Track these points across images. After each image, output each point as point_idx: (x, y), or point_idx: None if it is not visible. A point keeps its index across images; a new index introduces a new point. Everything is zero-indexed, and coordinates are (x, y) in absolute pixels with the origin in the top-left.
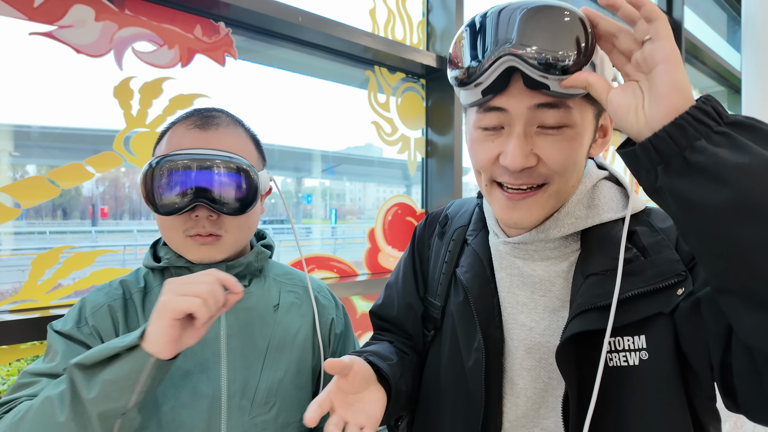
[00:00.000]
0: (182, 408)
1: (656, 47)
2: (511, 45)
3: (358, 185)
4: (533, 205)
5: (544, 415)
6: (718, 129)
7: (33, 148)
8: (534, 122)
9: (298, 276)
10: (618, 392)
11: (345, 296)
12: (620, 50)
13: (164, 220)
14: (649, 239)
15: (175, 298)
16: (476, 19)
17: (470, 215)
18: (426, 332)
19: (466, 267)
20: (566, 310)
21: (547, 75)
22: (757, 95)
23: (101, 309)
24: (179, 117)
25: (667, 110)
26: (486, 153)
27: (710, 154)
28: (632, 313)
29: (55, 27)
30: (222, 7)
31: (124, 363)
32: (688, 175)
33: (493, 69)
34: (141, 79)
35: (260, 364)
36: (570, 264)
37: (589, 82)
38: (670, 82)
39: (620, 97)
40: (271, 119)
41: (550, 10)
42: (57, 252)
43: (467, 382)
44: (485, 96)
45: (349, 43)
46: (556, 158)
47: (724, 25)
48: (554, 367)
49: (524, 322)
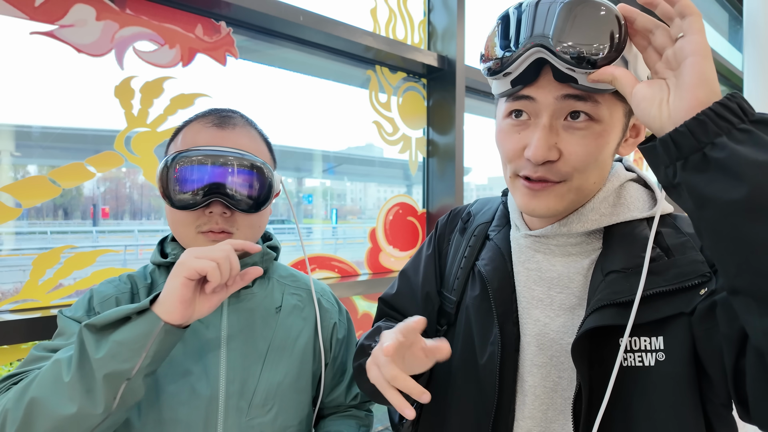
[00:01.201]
0: (180, 406)
1: (687, 41)
2: (540, 36)
3: (359, 185)
4: (551, 195)
5: (552, 418)
6: (740, 126)
7: (34, 148)
8: (561, 114)
9: (302, 279)
10: (630, 392)
11: (346, 296)
12: (655, 47)
13: (176, 215)
14: (674, 240)
15: (191, 259)
16: (510, 11)
17: (494, 212)
18: (438, 328)
19: (486, 260)
20: (583, 308)
21: (574, 68)
22: (759, 95)
23: (109, 300)
24: (195, 115)
25: (691, 103)
26: (512, 144)
27: (730, 150)
28: (651, 311)
29: (56, 26)
30: (223, 6)
31: (134, 325)
32: (706, 171)
33: (522, 60)
34: (142, 79)
35: (260, 366)
36: (591, 262)
37: (615, 76)
38: (697, 74)
39: (645, 91)
40: (272, 119)
41: (584, 4)
42: (58, 252)
43: (480, 378)
44: (514, 87)
45: (350, 42)
46: (579, 154)
47: (726, 24)
48: (565, 366)
49: (538, 317)
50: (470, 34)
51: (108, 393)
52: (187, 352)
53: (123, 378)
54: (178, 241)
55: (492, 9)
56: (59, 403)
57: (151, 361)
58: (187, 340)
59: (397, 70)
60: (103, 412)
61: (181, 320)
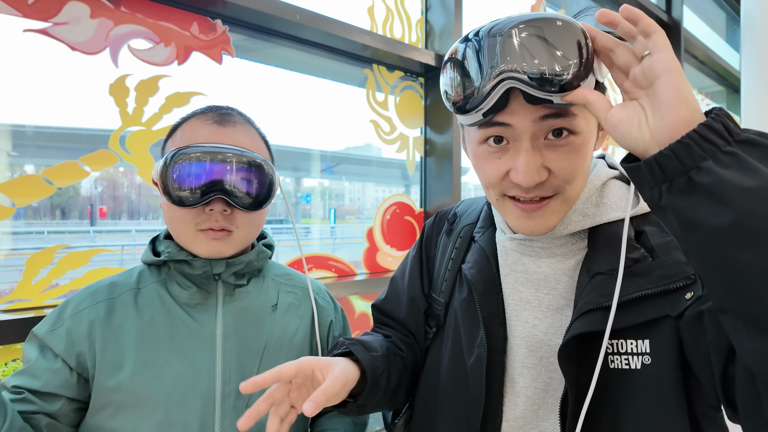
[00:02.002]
0: (175, 407)
1: (656, 59)
2: (507, 66)
3: (357, 185)
4: (547, 213)
5: (543, 417)
6: (726, 149)
7: (28, 148)
8: (540, 134)
9: (297, 277)
10: (617, 395)
11: (343, 296)
12: (618, 65)
13: (176, 212)
14: (658, 240)
15: None
16: (471, 38)
17: (479, 213)
18: (428, 329)
19: (471, 263)
20: (570, 308)
21: (548, 94)
22: (757, 95)
23: (82, 312)
24: (193, 112)
25: (674, 122)
26: (494, 170)
27: (716, 175)
28: (637, 314)
29: (49, 24)
30: (219, 4)
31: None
32: (691, 195)
33: (494, 94)
34: (137, 77)
35: (257, 365)
36: (576, 262)
37: (588, 100)
38: (674, 92)
39: (621, 114)
40: (269, 118)
41: (545, 23)
42: (52, 251)
43: (468, 380)
44: (486, 117)
45: (347, 41)
46: (566, 169)
47: (723, 24)
48: (555, 366)
49: (527, 319)
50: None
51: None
52: (181, 353)
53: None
54: (175, 239)
55: (489, 7)
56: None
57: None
58: (181, 339)
59: (395, 69)
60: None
61: None
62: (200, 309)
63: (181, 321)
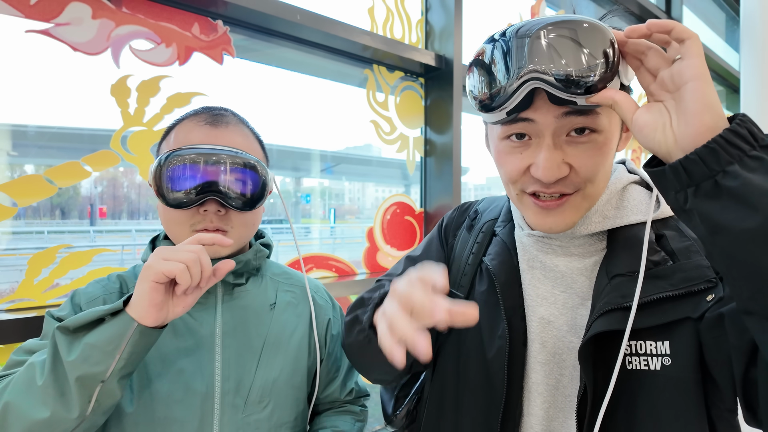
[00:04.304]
0: (175, 404)
1: (686, 65)
2: (534, 66)
3: (357, 185)
4: (568, 210)
5: (553, 415)
6: (752, 153)
7: (30, 148)
8: (563, 131)
9: (295, 276)
10: (634, 395)
11: (343, 295)
12: (648, 68)
13: (170, 213)
14: (678, 244)
15: (159, 262)
16: (497, 39)
17: (500, 209)
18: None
19: (493, 255)
20: (586, 308)
21: (572, 95)
22: (756, 95)
23: (96, 300)
24: (187, 113)
25: (698, 129)
26: (515, 165)
27: (743, 179)
28: (657, 315)
29: (51, 24)
30: (220, 5)
31: (107, 327)
32: (718, 199)
33: (519, 93)
34: (138, 78)
35: (255, 363)
36: (594, 262)
37: (615, 101)
38: (700, 99)
39: (646, 116)
40: (269, 118)
41: (572, 25)
42: (53, 251)
43: (488, 372)
44: (510, 115)
45: (347, 41)
46: (588, 166)
47: (723, 24)
48: (566, 364)
49: (543, 315)
50: (468, 34)
51: (82, 396)
52: (181, 350)
53: (97, 381)
54: (171, 240)
55: (489, 8)
56: (32, 408)
57: (126, 363)
58: (180, 337)
59: (395, 69)
60: (77, 417)
61: (155, 322)
62: (200, 308)
63: (180, 319)
